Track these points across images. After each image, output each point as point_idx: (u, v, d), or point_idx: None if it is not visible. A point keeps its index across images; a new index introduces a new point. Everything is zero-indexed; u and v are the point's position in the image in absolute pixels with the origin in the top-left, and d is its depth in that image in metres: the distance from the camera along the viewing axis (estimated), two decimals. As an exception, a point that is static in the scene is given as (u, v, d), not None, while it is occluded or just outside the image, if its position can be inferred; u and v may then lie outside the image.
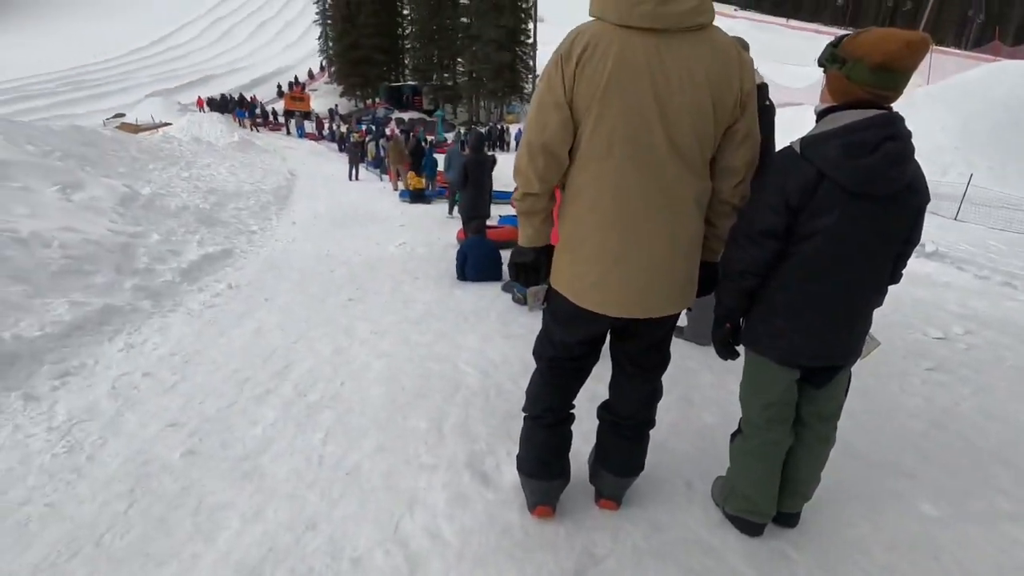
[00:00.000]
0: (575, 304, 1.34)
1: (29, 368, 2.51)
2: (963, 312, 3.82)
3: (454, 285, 4.25)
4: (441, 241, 6.03)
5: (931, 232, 6.51)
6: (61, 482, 1.77)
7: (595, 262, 1.29)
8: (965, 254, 6.01)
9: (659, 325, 1.40)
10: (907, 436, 2.15)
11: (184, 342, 2.99)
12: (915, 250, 1.47)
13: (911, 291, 4.23)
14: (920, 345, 3.14)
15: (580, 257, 1.31)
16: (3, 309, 2.84)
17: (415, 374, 2.60)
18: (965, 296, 4.31)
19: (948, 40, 78.40)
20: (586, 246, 1.29)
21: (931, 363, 2.87)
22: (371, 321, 3.38)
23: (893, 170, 1.27)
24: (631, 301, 1.30)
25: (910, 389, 2.58)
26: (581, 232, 1.30)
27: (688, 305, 1.40)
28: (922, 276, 4.91)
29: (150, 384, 2.49)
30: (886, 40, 1.25)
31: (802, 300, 1.37)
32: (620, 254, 1.27)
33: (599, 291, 1.30)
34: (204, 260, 4.54)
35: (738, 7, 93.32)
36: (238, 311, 3.56)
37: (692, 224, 1.32)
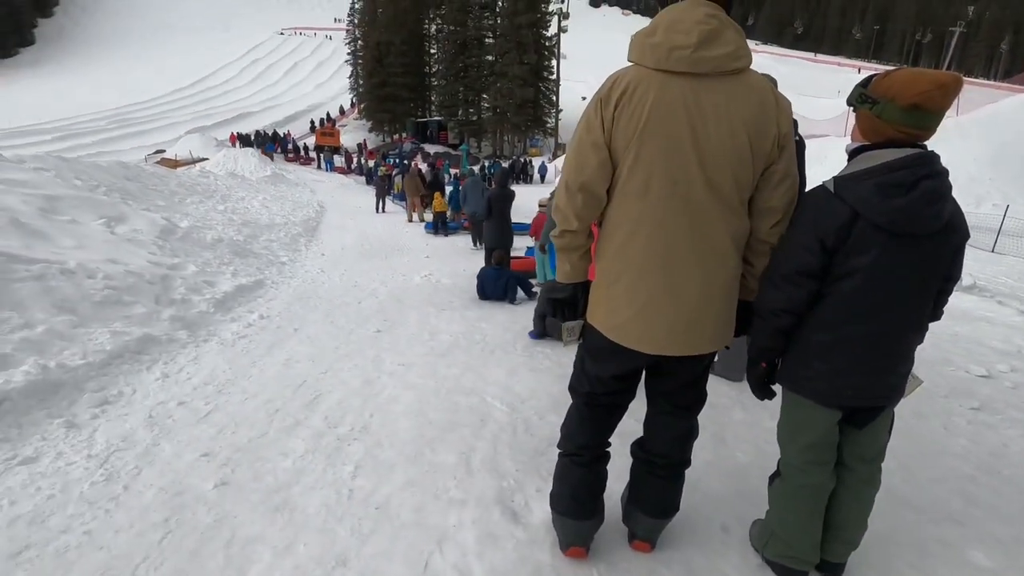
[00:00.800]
0: (610, 340, 1.34)
1: (71, 396, 2.59)
2: (1007, 349, 3.69)
3: (480, 318, 4.28)
4: (466, 272, 6.09)
5: (968, 265, 6.32)
6: (100, 511, 1.80)
7: (631, 299, 1.30)
8: (1005, 287, 5.82)
9: (696, 363, 1.39)
10: (954, 480, 2.06)
11: (217, 372, 3.06)
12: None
13: (950, 326, 4.11)
14: (963, 383, 3.03)
15: (616, 293, 1.32)
16: (50, 338, 2.95)
17: (442, 407, 2.60)
18: (1008, 332, 4.15)
19: (976, 71, 77.64)
20: (622, 282, 1.30)
21: (976, 402, 2.76)
22: (398, 353, 3.41)
23: (931, 209, 1.26)
24: (666, 338, 1.30)
25: (955, 430, 2.48)
26: (617, 268, 1.31)
27: (726, 344, 1.39)
28: (960, 311, 4.76)
29: (184, 413, 2.54)
30: (917, 80, 1.25)
31: (841, 341, 1.34)
32: (656, 291, 1.28)
33: (635, 327, 1.30)
34: (237, 291, 4.66)
35: (760, 41, 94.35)
36: (269, 341, 3.63)
37: (730, 263, 1.32)
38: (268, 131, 34.07)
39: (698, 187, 1.25)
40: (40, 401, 2.49)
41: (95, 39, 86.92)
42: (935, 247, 1.31)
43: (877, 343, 1.34)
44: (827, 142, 14.76)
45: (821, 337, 1.36)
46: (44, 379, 2.58)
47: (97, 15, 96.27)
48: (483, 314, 4.40)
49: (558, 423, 1.59)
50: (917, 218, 1.26)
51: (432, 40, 36.74)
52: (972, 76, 49.41)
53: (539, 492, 1.87)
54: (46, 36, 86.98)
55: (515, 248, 6.70)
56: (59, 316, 3.18)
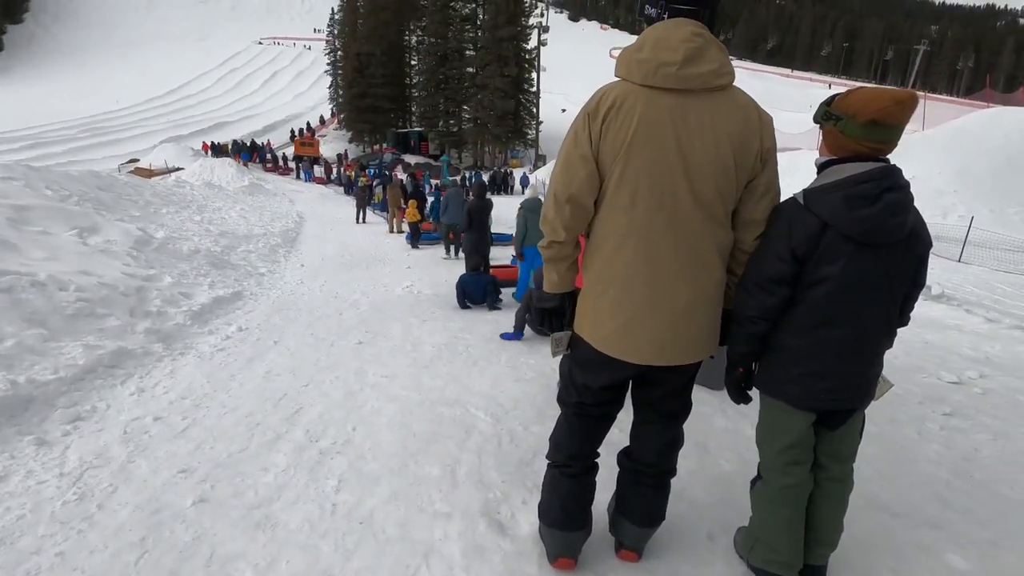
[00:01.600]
0: (598, 351, 1.35)
1: (42, 412, 2.51)
2: (976, 356, 3.80)
3: (463, 328, 4.27)
4: (447, 283, 6.08)
5: (936, 275, 6.54)
6: (72, 531, 1.74)
7: (618, 309, 1.31)
8: (972, 296, 6.01)
9: (681, 372, 1.42)
10: (929, 484, 2.11)
11: (194, 385, 2.99)
12: (922, 293, 1.53)
13: (921, 334, 4.22)
14: (935, 390, 3.11)
15: (603, 304, 1.33)
16: (19, 352, 2.86)
17: (426, 419, 2.58)
18: (976, 340, 4.29)
19: (940, 87, 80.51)
20: (610, 293, 1.32)
21: (948, 408, 2.84)
22: (381, 364, 3.38)
23: (894, 219, 1.33)
24: (653, 349, 1.32)
25: (928, 435, 2.54)
26: (605, 279, 1.33)
27: (711, 354, 1.41)
28: (931, 319, 4.90)
29: (161, 429, 2.48)
30: (876, 98, 1.33)
31: (814, 345, 1.40)
32: (643, 302, 1.30)
33: (621, 338, 1.32)
34: (215, 303, 4.58)
35: (735, 57, 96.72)
36: (248, 354, 3.57)
37: (715, 274, 1.35)
38: (246, 141, 33.70)
39: (684, 200, 1.27)
40: (9, 418, 2.41)
41: (67, 47, 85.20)
42: (900, 256, 1.38)
43: (848, 348, 1.40)
44: (798, 155, 15.15)
45: (795, 342, 1.41)
46: (13, 394, 2.50)
47: (69, 22, 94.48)
48: (466, 324, 4.39)
49: (543, 433, 1.60)
50: (882, 228, 1.33)
51: (413, 51, 36.84)
52: (936, 92, 51.29)
53: (525, 504, 1.86)
54: (15, 42, 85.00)
55: (495, 258, 6.74)
56: (29, 330, 3.08)
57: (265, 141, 33.96)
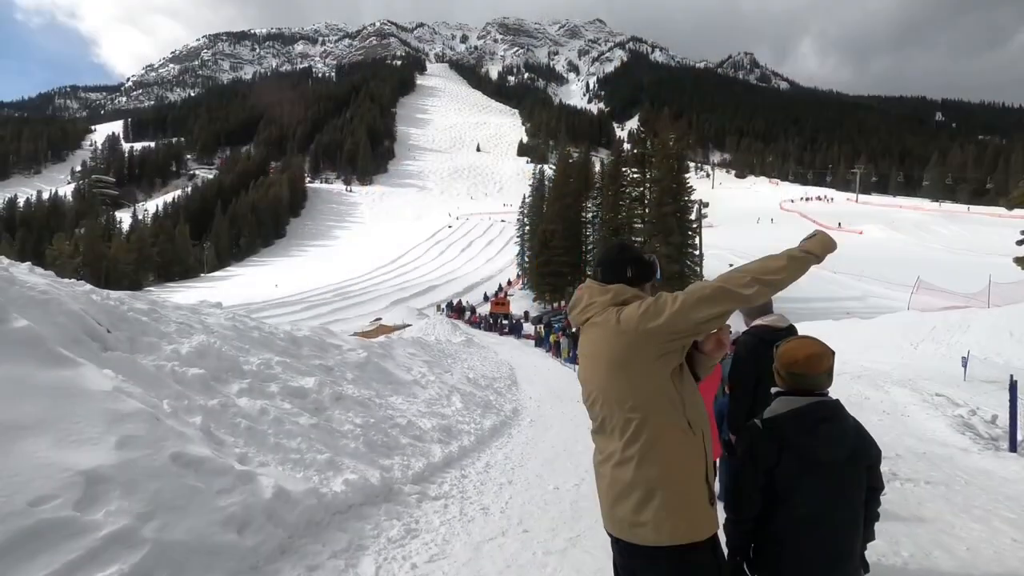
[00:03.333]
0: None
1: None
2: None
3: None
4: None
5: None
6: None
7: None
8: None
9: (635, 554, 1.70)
10: None
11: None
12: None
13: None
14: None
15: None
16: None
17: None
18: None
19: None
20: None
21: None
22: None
23: (832, 447, 1.72)
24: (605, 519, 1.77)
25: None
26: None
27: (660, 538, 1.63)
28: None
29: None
30: (792, 351, 1.81)
31: (795, 543, 1.73)
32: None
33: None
34: (510, 417, 8.21)
35: (927, 199, 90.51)
36: (547, 435, 6.92)
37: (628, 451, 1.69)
38: (453, 301, 41.88)
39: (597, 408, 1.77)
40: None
41: (324, 231, 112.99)
42: (849, 469, 1.76)
43: (823, 544, 1.71)
44: (969, 313, 15.75)
45: (779, 538, 1.74)
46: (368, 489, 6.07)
47: (327, 212, 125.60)
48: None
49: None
50: (824, 452, 1.71)
51: (589, 225, 43.44)
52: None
53: None
54: (293, 230, 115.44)
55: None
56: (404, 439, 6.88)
57: (467, 301, 41.74)
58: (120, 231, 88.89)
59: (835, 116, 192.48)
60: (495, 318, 33.97)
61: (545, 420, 8.55)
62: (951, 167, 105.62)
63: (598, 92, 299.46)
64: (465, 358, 15.62)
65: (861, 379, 11.25)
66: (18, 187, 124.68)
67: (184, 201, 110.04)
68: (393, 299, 46.23)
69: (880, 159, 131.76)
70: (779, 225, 73.26)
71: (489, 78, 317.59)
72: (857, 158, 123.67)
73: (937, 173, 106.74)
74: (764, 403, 1.96)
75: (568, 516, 4.06)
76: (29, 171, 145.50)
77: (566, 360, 18.78)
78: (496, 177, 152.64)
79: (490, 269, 63.50)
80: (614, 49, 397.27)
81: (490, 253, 75.70)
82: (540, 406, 10.05)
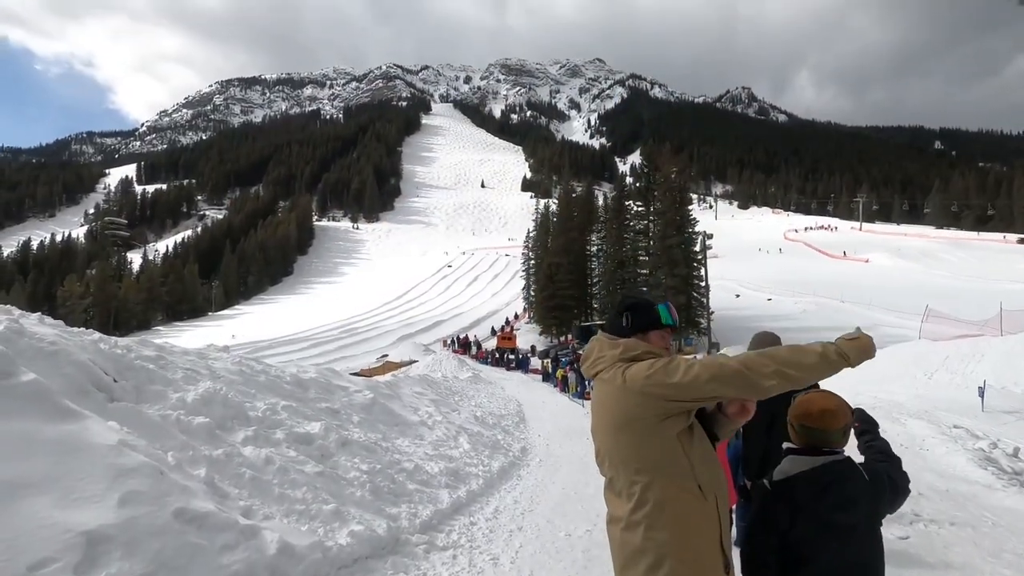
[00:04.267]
0: None
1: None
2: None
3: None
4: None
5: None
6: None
7: None
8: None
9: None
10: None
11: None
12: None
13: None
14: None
15: None
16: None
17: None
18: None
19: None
20: None
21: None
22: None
23: (841, 511, 1.64)
24: None
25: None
26: None
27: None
28: None
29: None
30: (807, 404, 1.75)
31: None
32: None
33: None
34: (520, 454, 8.07)
35: (933, 227, 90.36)
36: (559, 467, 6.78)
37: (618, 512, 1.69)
38: (459, 336, 41.75)
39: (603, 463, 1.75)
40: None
41: (331, 268, 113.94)
42: (868, 527, 1.71)
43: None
44: (980, 341, 15.54)
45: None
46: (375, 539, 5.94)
47: (333, 249, 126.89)
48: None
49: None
50: (840, 516, 1.65)
51: (594, 258, 43.61)
52: None
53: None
54: (301, 267, 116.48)
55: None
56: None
57: (474, 336, 41.62)
58: (130, 271, 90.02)
59: (834, 146, 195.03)
60: (501, 352, 33.79)
61: (554, 459, 8.40)
62: (953, 194, 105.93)
63: (599, 128, 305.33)
64: (472, 395, 15.47)
65: (876, 411, 10.85)
66: (32, 230, 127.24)
67: (194, 241, 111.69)
68: (399, 335, 46.17)
69: (882, 187, 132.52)
70: (786, 255, 73.33)
71: (492, 116, 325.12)
72: (859, 187, 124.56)
73: (939, 200, 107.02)
74: (778, 446, 1.91)
75: (581, 566, 3.94)
76: (44, 214, 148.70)
77: (574, 395, 18.56)
78: (500, 212, 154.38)
79: (496, 303, 63.55)
80: (614, 86, 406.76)
81: (496, 287, 75.90)
82: (549, 444, 9.88)
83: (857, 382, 14.17)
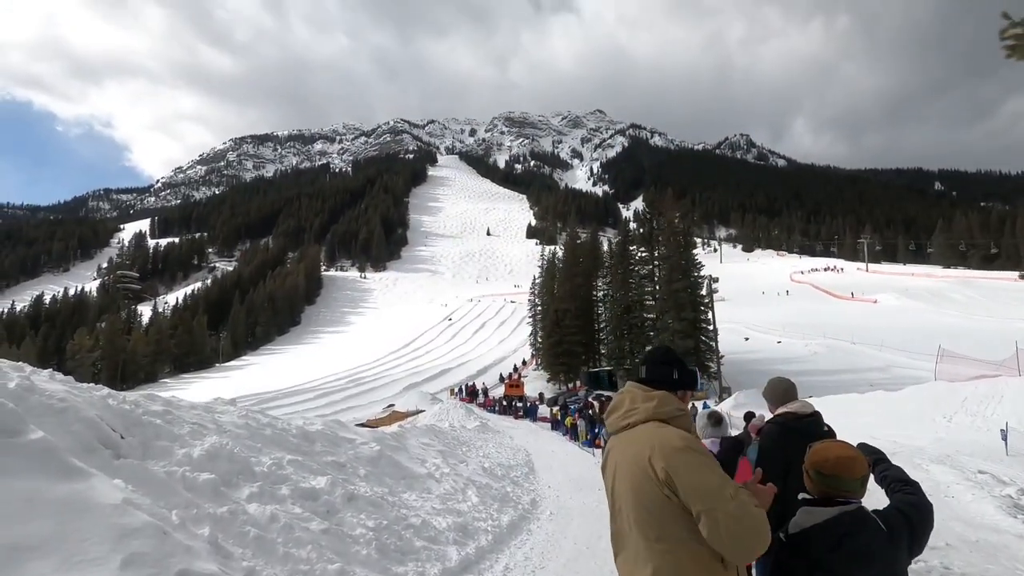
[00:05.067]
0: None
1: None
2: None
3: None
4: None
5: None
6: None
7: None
8: None
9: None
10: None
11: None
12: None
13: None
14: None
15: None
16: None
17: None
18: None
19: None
20: None
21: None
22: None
23: (862, 564, 1.59)
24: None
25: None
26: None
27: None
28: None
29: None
30: (823, 451, 1.73)
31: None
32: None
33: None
34: (528, 507, 7.85)
35: (940, 266, 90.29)
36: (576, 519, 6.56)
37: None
38: (467, 384, 41.33)
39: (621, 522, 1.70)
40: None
41: (338, 318, 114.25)
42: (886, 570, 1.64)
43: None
44: (999, 383, 15.21)
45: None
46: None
47: (341, 299, 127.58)
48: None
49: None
50: (857, 570, 1.60)
51: (600, 303, 43.58)
52: None
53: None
54: (308, 317, 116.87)
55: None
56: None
57: (481, 384, 41.18)
58: (140, 324, 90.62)
59: (835, 189, 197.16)
60: (509, 400, 33.31)
61: (566, 512, 8.16)
62: (957, 234, 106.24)
63: (602, 175, 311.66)
64: (480, 445, 15.18)
65: (896, 456, 10.59)
66: (46, 285, 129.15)
67: (203, 292, 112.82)
68: (406, 384, 45.74)
69: (885, 228, 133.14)
70: (793, 297, 72.99)
71: (497, 167, 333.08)
72: (862, 228, 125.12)
73: (943, 240, 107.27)
74: (794, 495, 1.87)
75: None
76: (59, 269, 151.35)
77: (584, 443, 18.17)
78: (506, 260, 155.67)
79: (503, 350, 63.14)
80: (615, 136, 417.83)
81: (503, 334, 75.61)
82: (559, 496, 9.62)
83: (873, 426, 13.83)
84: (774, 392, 3.14)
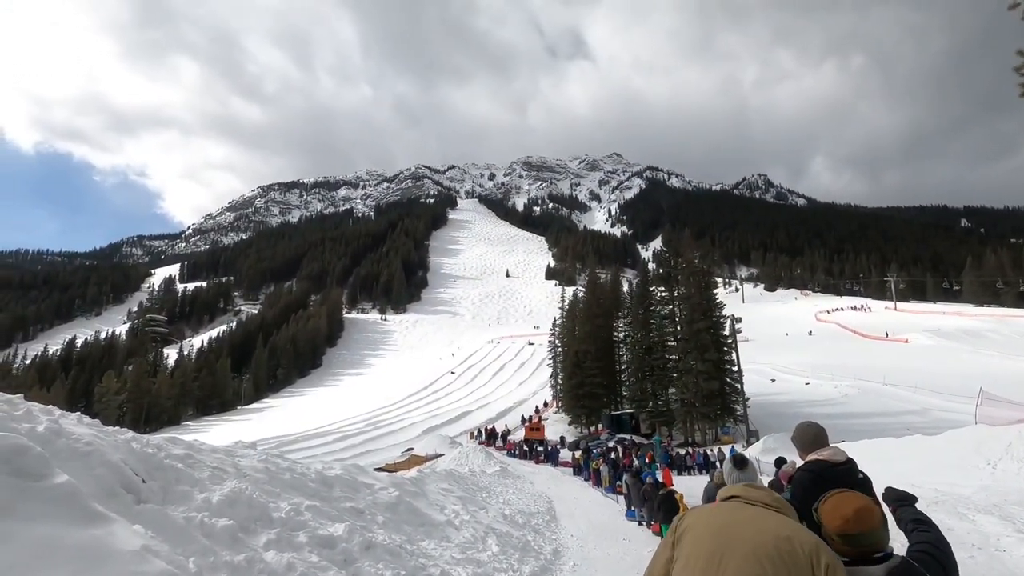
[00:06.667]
0: None
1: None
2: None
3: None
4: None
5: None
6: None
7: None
8: None
9: None
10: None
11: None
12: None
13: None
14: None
15: None
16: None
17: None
18: None
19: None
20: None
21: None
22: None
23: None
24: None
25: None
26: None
27: None
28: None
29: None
30: (837, 510, 1.64)
31: None
32: None
33: None
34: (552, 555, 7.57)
35: (971, 304, 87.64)
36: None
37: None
38: (486, 427, 40.71)
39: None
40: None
41: (359, 360, 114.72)
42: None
43: None
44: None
45: None
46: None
47: (362, 341, 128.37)
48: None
49: None
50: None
51: (621, 344, 43.06)
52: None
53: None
54: (329, 359, 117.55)
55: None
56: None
57: (503, 427, 40.55)
58: (165, 367, 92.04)
59: (857, 227, 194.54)
60: (530, 444, 32.63)
61: (590, 563, 7.85)
62: (987, 271, 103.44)
63: (620, 217, 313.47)
64: (500, 491, 14.82)
65: (939, 505, 10.12)
66: (79, 328, 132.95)
67: (228, 335, 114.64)
68: (425, 427, 45.27)
69: (912, 266, 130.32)
70: (819, 338, 71.20)
71: (516, 210, 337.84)
72: (887, 266, 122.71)
73: (975, 277, 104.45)
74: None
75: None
76: (91, 313, 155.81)
77: (607, 489, 17.60)
78: (526, 301, 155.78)
79: (523, 392, 62.38)
80: (632, 178, 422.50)
81: (523, 376, 74.89)
82: (583, 545, 9.29)
83: (912, 472, 13.17)
84: (803, 437, 3.01)
